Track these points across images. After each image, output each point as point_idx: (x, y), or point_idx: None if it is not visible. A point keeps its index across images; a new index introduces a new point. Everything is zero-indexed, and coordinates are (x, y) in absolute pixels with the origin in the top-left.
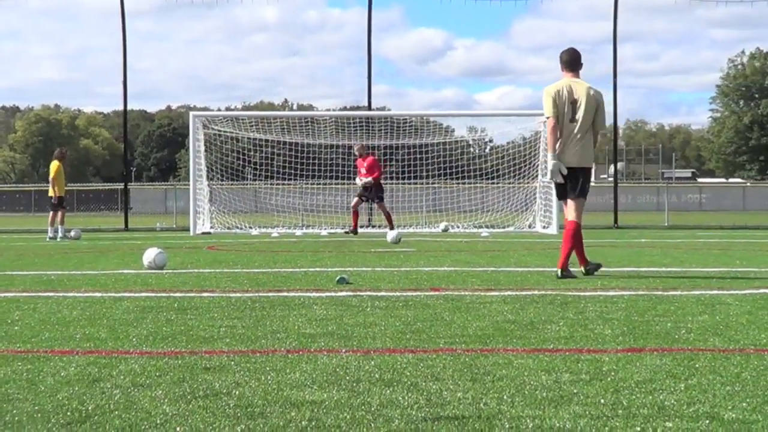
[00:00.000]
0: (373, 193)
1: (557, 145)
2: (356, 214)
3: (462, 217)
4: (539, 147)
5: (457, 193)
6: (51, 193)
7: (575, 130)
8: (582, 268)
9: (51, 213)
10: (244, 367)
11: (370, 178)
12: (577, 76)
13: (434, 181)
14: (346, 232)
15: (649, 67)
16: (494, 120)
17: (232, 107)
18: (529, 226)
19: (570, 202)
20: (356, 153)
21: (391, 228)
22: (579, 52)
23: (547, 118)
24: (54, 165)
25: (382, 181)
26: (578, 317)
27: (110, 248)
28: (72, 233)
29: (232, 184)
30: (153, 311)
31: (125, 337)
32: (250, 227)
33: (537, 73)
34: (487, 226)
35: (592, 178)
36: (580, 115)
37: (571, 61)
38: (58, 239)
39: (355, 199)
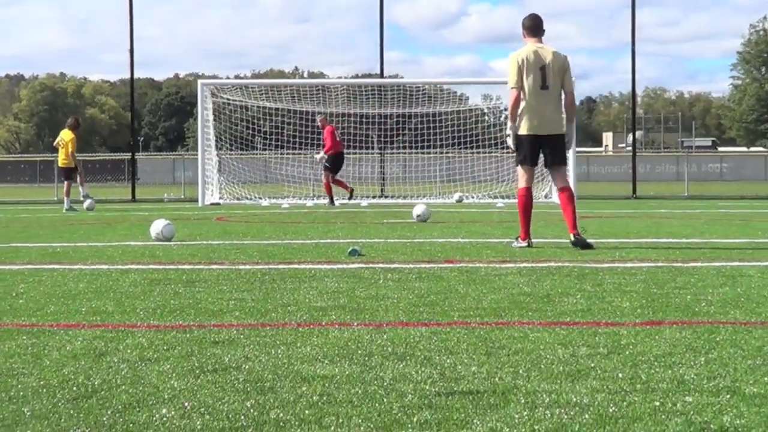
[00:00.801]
0: (326, 161)
1: (527, 115)
2: (338, 182)
3: (476, 187)
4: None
5: (471, 163)
6: (71, 163)
7: (548, 97)
8: (523, 241)
9: (71, 182)
10: (253, 341)
11: (321, 154)
12: (540, 41)
13: (448, 150)
14: (348, 200)
15: (669, 33)
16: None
17: (242, 75)
18: (545, 197)
19: (555, 171)
20: (319, 125)
21: (331, 202)
22: (541, 17)
23: (511, 89)
24: (69, 134)
25: (344, 152)
26: (596, 289)
27: (117, 220)
28: (87, 203)
29: (241, 154)
30: (160, 284)
31: (132, 311)
32: (260, 198)
33: (554, 39)
34: (502, 197)
35: (610, 147)
36: (550, 81)
37: (534, 27)
38: (65, 210)
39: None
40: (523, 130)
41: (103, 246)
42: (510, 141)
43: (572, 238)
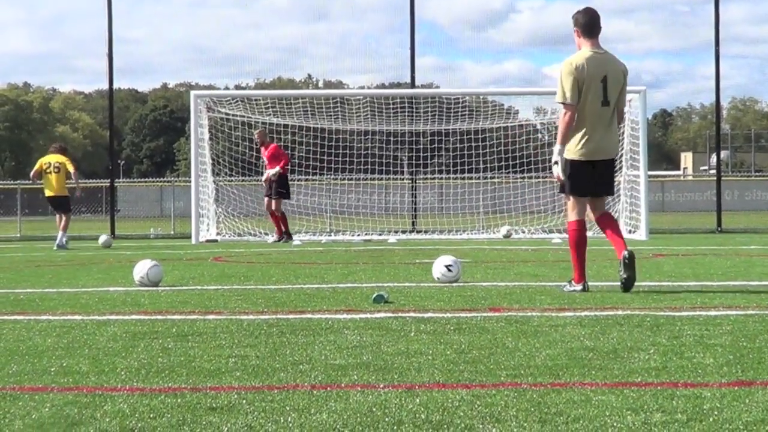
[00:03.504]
0: (273, 188)
1: (582, 137)
2: (275, 216)
3: (528, 219)
4: (623, 132)
5: (521, 190)
6: (64, 192)
7: (608, 115)
8: (577, 284)
9: (65, 216)
10: (258, 407)
11: (277, 169)
12: (597, 44)
13: (494, 174)
14: (276, 241)
15: (761, 31)
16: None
17: (243, 85)
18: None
19: (598, 200)
20: (257, 141)
21: (280, 238)
22: (597, 12)
23: (564, 104)
24: (67, 159)
25: (289, 175)
26: (672, 343)
27: (93, 260)
28: (103, 240)
29: (243, 181)
30: (146, 338)
31: (111, 371)
32: (266, 234)
33: (623, 40)
34: (559, 231)
35: (689, 170)
36: (611, 95)
37: (590, 25)
38: (55, 247)
39: (266, 199)
40: (574, 155)
41: (75, 292)
42: (558, 170)
43: (626, 255)
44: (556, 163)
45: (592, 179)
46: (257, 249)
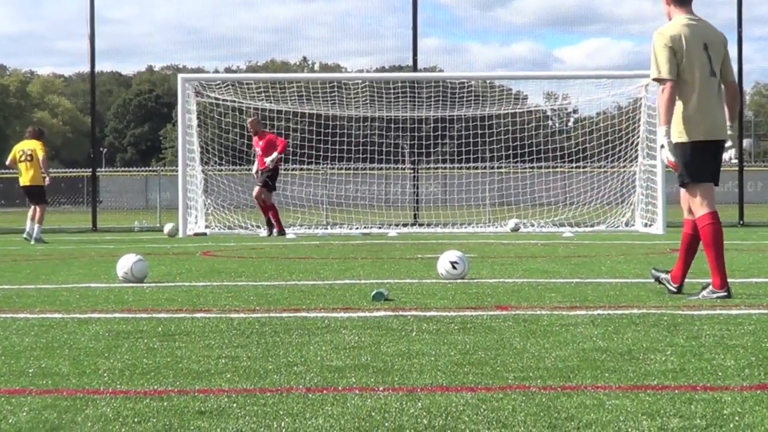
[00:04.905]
0: (261, 175)
1: (696, 115)
2: (272, 208)
3: (538, 212)
4: (640, 119)
5: (530, 181)
6: (39, 181)
7: (716, 88)
8: (674, 286)
9: (39, 207)
10: (249, 411)
11: (275, 155)
12: (692, 12)
13: (501, 164)
14: (269, 234)
15: None
16: (581, 84)
17: (234, 68)
18: (627, 224)
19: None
20: (249, 130)
21: (271, 233)
22: None
23: (659, 80)
24: (39, 144)
25: (282, 165)
26: (691, 344)
27: (74, 254)
28: (168, 228)
29: (234, 170)
30: (130, 337)
31: (93, 372)
32: (258, 227)
33: (639, 21)
34: (570, 224)
35: None
36: (716, 65)
37: None
38: (32, 241)
39: (256, 188)
40: (696, 135)
41: (55, 289)
42: (667, 153)
43: (672, 288)
44: (662, 146)
45: (715, 163)
46: (249, 243)
